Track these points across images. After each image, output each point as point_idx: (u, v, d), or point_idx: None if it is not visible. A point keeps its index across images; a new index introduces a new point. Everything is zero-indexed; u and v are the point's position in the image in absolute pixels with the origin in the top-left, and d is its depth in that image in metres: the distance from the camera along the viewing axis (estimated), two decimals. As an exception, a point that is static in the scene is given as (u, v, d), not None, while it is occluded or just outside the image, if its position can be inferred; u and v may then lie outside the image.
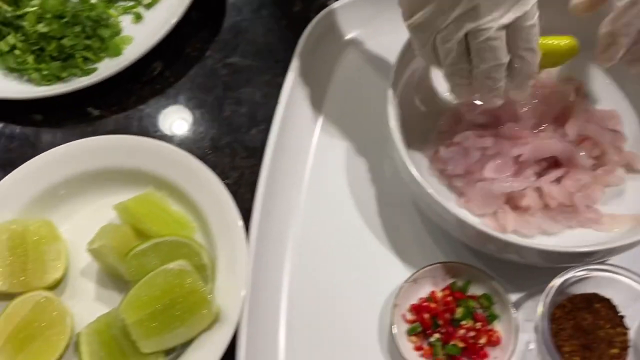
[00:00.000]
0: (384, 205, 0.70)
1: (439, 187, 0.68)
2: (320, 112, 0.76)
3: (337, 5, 0.79)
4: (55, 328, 0.62)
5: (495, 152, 0.65)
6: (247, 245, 0.63)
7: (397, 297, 0.62)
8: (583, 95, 0.71)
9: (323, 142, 0.74)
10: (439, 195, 0.59)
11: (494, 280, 0.62)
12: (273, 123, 0.71)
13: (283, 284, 0.66)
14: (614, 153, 0.66)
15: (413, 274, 0.63)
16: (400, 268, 0.66)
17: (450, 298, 0.63)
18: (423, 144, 0.70)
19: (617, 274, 0.58)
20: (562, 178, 0.65)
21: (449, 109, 0.71)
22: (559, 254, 0.58)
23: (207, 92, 0.81)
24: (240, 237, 0.63)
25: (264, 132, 0.75)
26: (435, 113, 0.72)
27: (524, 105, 0.67)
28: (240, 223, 0.64)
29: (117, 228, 0.65)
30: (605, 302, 0.60)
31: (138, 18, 0.84)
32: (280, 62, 0.79)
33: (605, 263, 0.59)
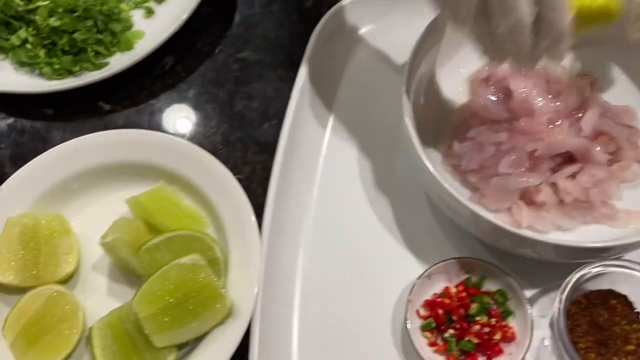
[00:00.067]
0: (397, 200, 0.70)
1: (453, 182, 0.67)
2: (332, 107, 0.76)
3: (348, 1, 0.78)
4: (68, 322, 0.62)
5: (510, 147, 0.64)
6: (260, 240, 0.63)
7: (411, 292, 0.62)
8: (598, 91, 0.71)
9: (335, 137, 0.74)
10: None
11: (509, 276, 0.62)
12: (285, 118, 0.71)
13: (296, 279, 0.66)
14: (630, 148, 0.66)
15: (427, 270, 0.63)
16: (414, 263, 0.66)
17: (465, 294, 0.62)
18: (436, 140, 0.70)
19: (633, 270, 0.57)
20: (577, 173, 0.64)
21: (463, 104, 0.71)
22: (575, 250, 0.58)
23: (218, 86, 0.80)
24: (254, 231, 0.63)
25: (276, 127, 0.74)
26: (449, 108, 0.71)
27: (539, 100, 0.67)
28: (254, 218, 0.64)
29: (129, 222, 0.65)
30: (621, 298, 0.59)
31: (149, 12, 0.84)
32: (292, 57, 0.79)
33: (621, 259, 0.59)
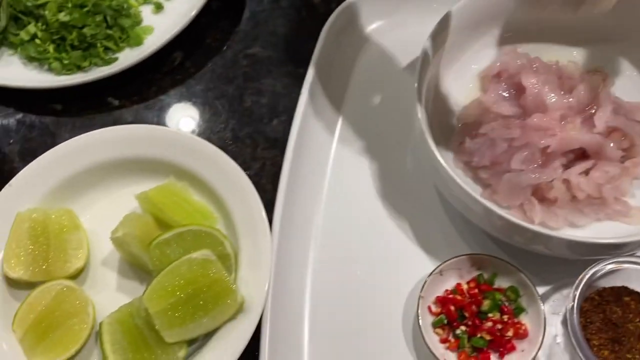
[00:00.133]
0: (407, 197, 0.69)
1: (464, 179, 0.67)
2: (342, 103, 0.75)
3: (358, -3, 0.78)
4: (77, 317, 0.62)
5: (522, 143, 0.64)
6: (270, 236, 0.63)
7: (422, 289, 0.61)
8: (610, 87, 0.70)
9: (345, 133, 0.74)
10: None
11: (521, 273, 0.61)
12: (295, 114, 0.71)
13: (307, 275, 0.65)
14: (643, 145, 0.66)
15: (438, 266, 0.62)
16: (425, 260, 0.66)
17: (477, 290, 0.62)
18: (447, 136, 0.69)
19: (647, 267, 0.57)
20: (590, 170, 0.64)
21: (474, 100, 0.70)
22: (589, 246, 0.57)
23: (227, 82, 0.80)
24: (264, 227, 0.63)
25: (285, 123, 0.74)
26: (460, 104, 0.71)
27: (551, 96, 0.66)
28: (264, 214, 0.63)
29: (140, 217, 0.64)
30: (635, 295, 0.59)
31: (158, 8, 0.83)
32: (301, 53, 0.78)
33: (635, 255, 0.58)
